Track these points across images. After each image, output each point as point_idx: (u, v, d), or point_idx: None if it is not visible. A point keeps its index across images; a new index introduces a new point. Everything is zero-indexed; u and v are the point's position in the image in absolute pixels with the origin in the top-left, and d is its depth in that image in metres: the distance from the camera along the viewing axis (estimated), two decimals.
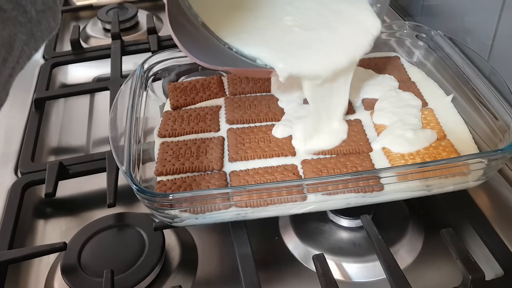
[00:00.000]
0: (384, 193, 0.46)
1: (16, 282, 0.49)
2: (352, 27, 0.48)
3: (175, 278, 0.48)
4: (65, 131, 0.70)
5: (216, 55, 0.43)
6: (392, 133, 0.50)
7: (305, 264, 0.48)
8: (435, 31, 0.61)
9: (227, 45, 0.42)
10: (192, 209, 0.44)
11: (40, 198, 0.58)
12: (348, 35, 0.47)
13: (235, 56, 0.43)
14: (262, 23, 0.47)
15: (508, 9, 0.56)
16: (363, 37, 0.47)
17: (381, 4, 0.48)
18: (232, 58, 0.43)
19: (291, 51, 0.45)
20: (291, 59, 0.45)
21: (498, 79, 0.51)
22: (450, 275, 0.45)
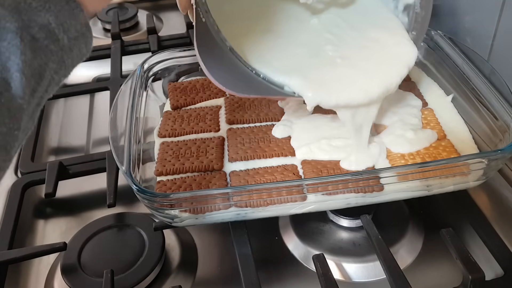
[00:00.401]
0: (384, 193, 0.46)
1: (16, 282, 0.49)
2: (389, 58, 0.46)
3: (175, 278, 0.48)
4: (65, 131, 0.70)
5: (242, 80, 0.42)
6: (392, 133, 0.50)
7: (305, 264, 0.48)
8: (435, 31, 0.61)
9: (255, 70, 0.42)
10: (192, 209, 0.44)
11: (40, 198, 0.58)
12: (383, 67, 0.46)
13: (262, 82, 0.42)
14: (294, 50, 0.46)
15: (508, 9, 0.56)
16: (398, 70, 0.46)
17: (417, 31, 0.47)
18: (258, 84, 0.42)
19: (322, 80, 0.44)
20: (321, 89, 0.44)
21: (498, 79, 0.51)
22: (450, 275, 0.45)
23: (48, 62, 0.27)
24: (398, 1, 0.47)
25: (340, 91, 0.44)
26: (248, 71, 0.41)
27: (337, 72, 0.45)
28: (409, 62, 0.47)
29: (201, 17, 0.37)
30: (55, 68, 0.28)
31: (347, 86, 0.45)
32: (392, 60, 0.46)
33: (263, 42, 0.46)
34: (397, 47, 0.47)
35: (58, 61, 0.28)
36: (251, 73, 0.41)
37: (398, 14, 0.48)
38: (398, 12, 0.48)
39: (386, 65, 0.46)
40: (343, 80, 0.45)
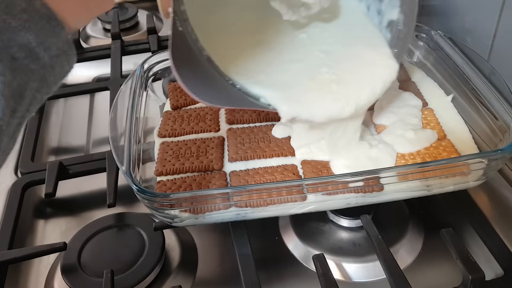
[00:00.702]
0: (384, 193, 0.46)
1: (16, 282, 0.49)
2: (369, 75, 0.46)
3: (175, 278, 0.48)
4: (65, 131, 0.70)
5: (217, 90, 0.41)
6: (392, 133, 0.50)
7: (305, 264, 0.48)
8: (435, 31, 0.61)
9: (231, 81, 0.41)
10: (192, 209, 0.44)
11: (40, 198, 0.58)
12: (362, 83, 0.45)
13: (237, 93, 0.42)
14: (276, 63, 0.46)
15: (508, 9, 0.56)
16: (376, 86, 0.46)
17: (399, 48, 0.47)
18: (233, 95, 0.42)
19: (297, 94, 0.44)
20: (295, 103, 0.43)
21: (498, 79, 0.51)
22: (450, 275, 0.45)
23: (28, 82, 0.27)
24: (382, 17, 0.47)
25: (314, 106, 0.44)
26: (224, 81, 0.41)
27: (315, 87, 0.45)
28: (388, 79, 0.46)
29: (178, 26, 0.36)
30: (37, 86, 0.28)
31: (322, 102, 0.44)
32: (372, 77, 0.46)
33: (245, 54, 0.45)
34: (379, 64, 0.47)
35: (39, 80, 0.28)
36: (226, 84, 0.41)
37: (382, 30, 0.48)
38: (382, 28, 0.48)
39: (365, 82, 0.46)
40: (319, 95, 0.44)
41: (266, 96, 0.43)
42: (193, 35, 0.38)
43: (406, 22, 0.46)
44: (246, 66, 0.44)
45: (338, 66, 0.46)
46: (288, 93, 0.44)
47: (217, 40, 0.43)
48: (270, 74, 0.44)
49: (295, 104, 0.43)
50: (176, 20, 0.36)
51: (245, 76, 0.43)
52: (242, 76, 0.43)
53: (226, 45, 0.44)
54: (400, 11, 0.46)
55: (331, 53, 0.47)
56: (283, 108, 0.43)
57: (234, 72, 0.42)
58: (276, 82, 0.44)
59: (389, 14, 0.47)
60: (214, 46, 0.41)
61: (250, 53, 0.46)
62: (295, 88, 0.44)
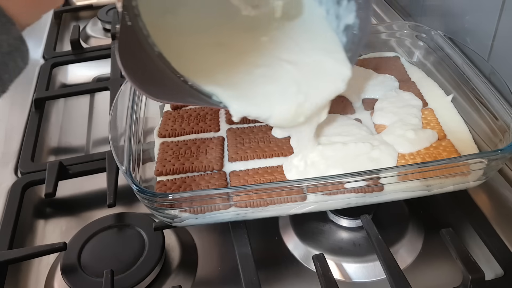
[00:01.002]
0: (384, 193, 0.46)
1: (16, 282, 0.49)
2: (322, 80, 0.46)
3: (175, 278, 0.48)
4: (65, 131, 0.70)
5: (167, 87, 0.41)
6: (392, 133, 0.50)
7: (305, 264, 0.48)
8: (435, 31, 0.61)
9: (183, 77, 0.41)
10: (192, 209, 0.44)
11: (40, 198, 0.58)
12: (314, 88, 0.46)
13: (189, 90, 0.41)
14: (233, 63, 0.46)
15: (508, 9, 0.56)
16: (329, 90, 0.46)
17: (352, 52, 0.47)
18: (185, 92, 0.41)
19: (250, 93, 0.44)
20: (247, 102, 0.44)
21: (498, 79, 0.51)
22: (450, 275, 0.45)
23: None
24: (340, 21, 0.48)
25: (265, 107, 0.44)
26: (175, 78, 0.40)
27: (269, 87, 0.45)
28: (339, 86, 0.46)
29: (127, 21, 0.36)
30: None
31: (276, 102, 0.44)
32: (324, 83, 0.46)
33: (199, 53, 0.45)
34: (332, 70, 0.47)
35: None
36: (178, 80, 0.40)
37: (339, 34, 0.48)
38: (339, 32, 0.48)
39: (317, 87, 0.46)
40: (273, 95, 0.45)
41: (217, 93, 0.43)
42: (144, 30, 0.38)
43: (361, 27, 0.46)
44: (199, 64, 0.44)
45: (293, 69, 0.46)
46: (240, 92, 0.44)
47: (171, 37, 0.43)
48: (224, 74, 0.45)
49: (246, 103, 0.44)
50: (125, 15, 0.35)
51: (197, 74, 0.43)
52: (194, 74, 0.42)
53: (181, 43, 0.44)
54: (356, 15, 0.46)
55: (288, 56, 0.47)
56: (233, 106, 0.43)
57: (187, 70, 0.42)
58: (230, 82, 0.44)
59: (346, 18, 0.47)
60: (168, 43, 0.41)
61: (205, 52, 0.46)
62: (248, 88, 0.44)
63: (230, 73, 0.45)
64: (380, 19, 0.83)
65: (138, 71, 0.38)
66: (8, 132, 0.67)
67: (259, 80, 0.45)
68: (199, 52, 0.45)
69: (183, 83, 0.41)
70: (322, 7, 0.49)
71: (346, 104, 0.57)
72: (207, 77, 0.43)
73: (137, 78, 0.38)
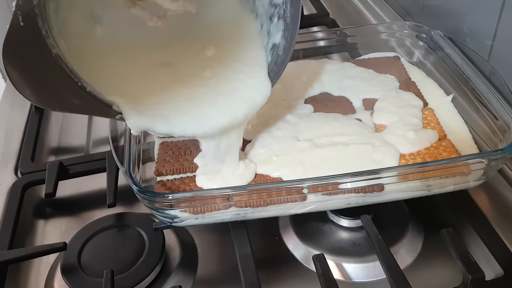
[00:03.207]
0: (384, 193, 0.45)
1: (16, 282, 0.49)
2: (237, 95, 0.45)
3: (175, 278, 0.48)
4: (65, 131, 0.70)
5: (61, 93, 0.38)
6: (392, 133, 0.50)
7: (305, 264, 0.48)
8: (435, 31, 0.61)
9: (81, 82, 0.39)
10: (192, 209, 0.44)
11: (40, 198, 0.58)
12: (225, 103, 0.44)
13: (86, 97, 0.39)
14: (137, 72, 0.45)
15: (508, 9, 0.56)
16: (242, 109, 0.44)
17: (274, 73, 0.46)
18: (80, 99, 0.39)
19: (153, 108, 0.42)
20: (145, 117, 0.42)
21: (498, 79, 0.51)
22: (450, 275, 0.45)
23: None
24: (270, 38, 0.47)
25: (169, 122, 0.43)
26: (73, 83, 0.38)
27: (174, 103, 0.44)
28: (255, 103, 0.45)
29: (20, 21, 0.34)
30: None
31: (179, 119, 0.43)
32: (239, 98, 0.45)
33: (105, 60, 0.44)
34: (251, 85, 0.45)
35: None
36: (75, 85, 0.38)
37: (267, 51, 0.47)
38: (268, 49, 0.47)
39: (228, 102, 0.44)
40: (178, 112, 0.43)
41: (118, 104, 0.41)
42: (44, 30, 0.36)
43: (285, 48, 0.45)
44: (102, 71, 0.42)
45: (209, 85, 0.45)
46: (142, 105, 0.42)
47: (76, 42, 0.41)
48: (129, 84, 0.43)
49: (145, 117, 0.42)
50: (19, 15, 0.34)
51: (99, 80, 0.41)
52: (95, 80, 0.40)
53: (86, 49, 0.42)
54: (282, 35, 0.45)
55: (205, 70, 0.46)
56: (130, 121, 0.41)
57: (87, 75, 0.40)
58: (133, 93, 0.42)
59: (274, 37, 0.46)
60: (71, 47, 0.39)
61: (112, 60, 0.44)
62: (152, 102, 0.43)
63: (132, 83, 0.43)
64: (380, 19, 0.83)
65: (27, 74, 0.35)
66: (8, 132, 0.67)
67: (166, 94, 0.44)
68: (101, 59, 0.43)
69: (82, 90, 0.39)
70: (258, 21, 0.48)
71: (346, 104, 0.57)
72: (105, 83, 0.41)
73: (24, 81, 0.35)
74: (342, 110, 0.55)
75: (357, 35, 0.67)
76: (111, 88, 0.42)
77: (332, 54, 0.69)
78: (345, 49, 0.68)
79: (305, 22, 0.84)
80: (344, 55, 0.69)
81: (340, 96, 0.58)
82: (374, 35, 0.66)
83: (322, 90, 0.59)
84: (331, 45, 0.67)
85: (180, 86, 0.45)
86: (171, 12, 0.47)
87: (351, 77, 0.60)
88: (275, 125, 0.53)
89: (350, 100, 0.57)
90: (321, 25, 0.85)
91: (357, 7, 0.89)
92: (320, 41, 0.67)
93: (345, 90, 0.58)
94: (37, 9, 0.36)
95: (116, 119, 0.41)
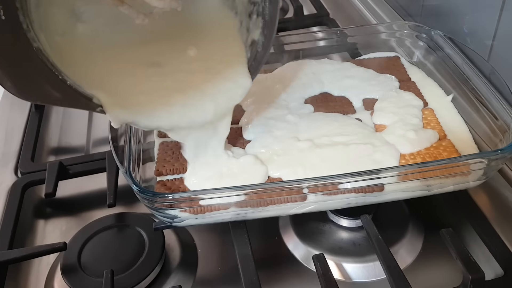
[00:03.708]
0: (384, 193, 0.46)
1: (16, 282, 0.49)
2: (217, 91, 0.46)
3: (175, 278, 0.48)
4: (65, 131, 0.70)
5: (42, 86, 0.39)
6: (393, 133, 0.50)
7: (305, 264, 0.48)
8: (435, 31, 0.61)
9: (62, 75, 0.40)
10: (192, 209, 0.44)
11: (40, 198, 0.58)
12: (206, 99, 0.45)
13: (67, 90, 0.40)
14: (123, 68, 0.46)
15: (508, 9, 0.56)
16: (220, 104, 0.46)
17: (253, 69, 0.47)
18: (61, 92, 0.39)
19: (134, 101, 0.43)
20: (125, 110, 0.43)
21: (498, 79, 0.51)
22: (450, 275, 0.45)
23: None
24: (249, 34, 0.48)
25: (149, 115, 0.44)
26: (54, 76, 0.39)
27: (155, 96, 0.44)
28: (236, 96, 0.46)
29: (1, 15, 0.34)
30: None
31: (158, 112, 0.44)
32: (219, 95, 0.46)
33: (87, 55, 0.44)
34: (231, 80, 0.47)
35: None
36: (56, 79, 0.39)
37: (247, 47, 0.48)
38: (247, 45, 0.48)
39: (210, 98, 0.45)
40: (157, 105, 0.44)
41: (99, 97, 0.42)
42: (25, 24, 0.37)
43: (264, 45, 0.46)
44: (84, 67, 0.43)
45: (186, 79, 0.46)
46: (122, 98, 0.43)
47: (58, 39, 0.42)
48: (111, 80, 0.44)
49: (125, 110, 0.43)
50: (0, 9, 0.34)
51: (80, 76, 0.42)
52: (77, 76, 0.41)
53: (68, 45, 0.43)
54: (261, 32, 0.46)
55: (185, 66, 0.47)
56: (111, 113, 0.42)
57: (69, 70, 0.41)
58: (115, 88, 0.43)
59: (253, 33, 0.47)
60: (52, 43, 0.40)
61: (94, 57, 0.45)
62: (132, 95, 0.44)
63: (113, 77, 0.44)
64: (380, 19, 0.83)
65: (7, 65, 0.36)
66: (8, 132, 0.67)
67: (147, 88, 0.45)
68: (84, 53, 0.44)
69: (62, 82, 0.40)
70: (237, 18, 0.49)
71: (346, 104, 0.57)
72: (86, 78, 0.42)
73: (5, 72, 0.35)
74: (342, 110, 0.55)
75: (357, 35, 0.67)
76: (93, 83, 0.42)
77: (332, 54, 0.69)
78: (345, 49, 0.68)
79: (305, 22, 0.84)
80: (344, 55, 0.69)
81: (340, 96, 0.58)
82: (374, 35, 0.66)
83: (322, 90, 0.59)
84: (331, 45, 0.67)
85: (165, 83, 0.46)
86: (157, 10, 0.47)
87: (351, 77, 0.60)
88: (275, 125, 0.53)
89: (350, 100, 0.57)
90: (321, 25, 0.85)
91: (357, 7, 0.89)
92: (320, 41, 0.67)
93: (345, 90, 0.58)
94: (18, 3, 0.37)
95: (97, 111, 0.42)
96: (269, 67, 0.64)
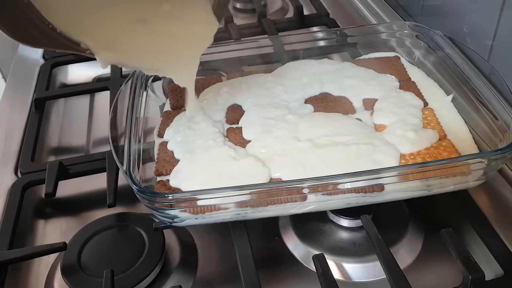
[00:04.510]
0: (384, 193, 0.45)
1: (16, 282, 0.49)
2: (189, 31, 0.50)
3: (175, 278, 0.48)
4: (65, 131, 0.70)
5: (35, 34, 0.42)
6: (393, 133, 0.50)
7: (305, 264, 0.48)
8: (435, 31, 0.61)
9: (51, 25, 0.43)
10: (192, 209, 0.44)
11: (40, 198, 0.58)
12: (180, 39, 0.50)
13: (57, 37, 0.43)
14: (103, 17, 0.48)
15: (508, 9, 0.56)
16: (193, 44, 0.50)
17: (217, 15, 0.51)
18: (52, 39, 0.43)
19: (117, 44, 0.47)
20: (112, 52, 0.46)
21: (498, 79, 0.51)
22: (450, 275, 0.45)
23: None
24: None
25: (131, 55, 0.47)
26: (44, 26, 0.42)
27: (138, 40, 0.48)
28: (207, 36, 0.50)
29: None
30: None
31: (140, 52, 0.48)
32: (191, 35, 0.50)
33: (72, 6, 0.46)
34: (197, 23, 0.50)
35: None
36: (47, 28, 0.42)
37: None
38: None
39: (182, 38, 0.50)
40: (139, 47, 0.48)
41: (87, 43, 0.45)
42: None
43: None
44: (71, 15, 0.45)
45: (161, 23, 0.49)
46: (110, 43, 0.47)
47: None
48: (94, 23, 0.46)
49: (112, 51, 0.46)
50: None
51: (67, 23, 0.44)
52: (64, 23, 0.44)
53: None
54: None
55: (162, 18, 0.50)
56: (100, 55, 0.45)
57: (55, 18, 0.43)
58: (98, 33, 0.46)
59: None
60: None
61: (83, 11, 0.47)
62: (115, 38, 0.47)
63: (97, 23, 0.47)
64: (380, 19, 0.83)
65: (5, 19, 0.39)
66: (8, 132, 0.67)
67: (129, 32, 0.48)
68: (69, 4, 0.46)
69: (52, 31, 0.43)
70: None
71: (346, 104, 0.57)
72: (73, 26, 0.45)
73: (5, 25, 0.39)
74: (342, 110, 0.55)
75: (357, 35, 0.67)
76: (81, 34, 0.45)
77: (332, 54, 0.69)
78: (345, 49, 0.68)
79: (305, 22, 0.84)
80: (344, 55, 0.69)
81: (340, 96, 0.58)
82: (374, 35, 0.66)
83: (322, 90, 0.59)
84: (331, 45, 0.67)
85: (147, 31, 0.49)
86: None
87: (351, 77, 0.60)
88: (276, 125, 0.53)
89: (350, 100, 0.57)
90: (321, 25, 0.85)
91: (357, 7, 0.89)
92: (320, 41, 0.67)
93: (345, 90, 0.58)
94: None
95: (86, 54, 0.45)
96: (269, 67, 0.64)
